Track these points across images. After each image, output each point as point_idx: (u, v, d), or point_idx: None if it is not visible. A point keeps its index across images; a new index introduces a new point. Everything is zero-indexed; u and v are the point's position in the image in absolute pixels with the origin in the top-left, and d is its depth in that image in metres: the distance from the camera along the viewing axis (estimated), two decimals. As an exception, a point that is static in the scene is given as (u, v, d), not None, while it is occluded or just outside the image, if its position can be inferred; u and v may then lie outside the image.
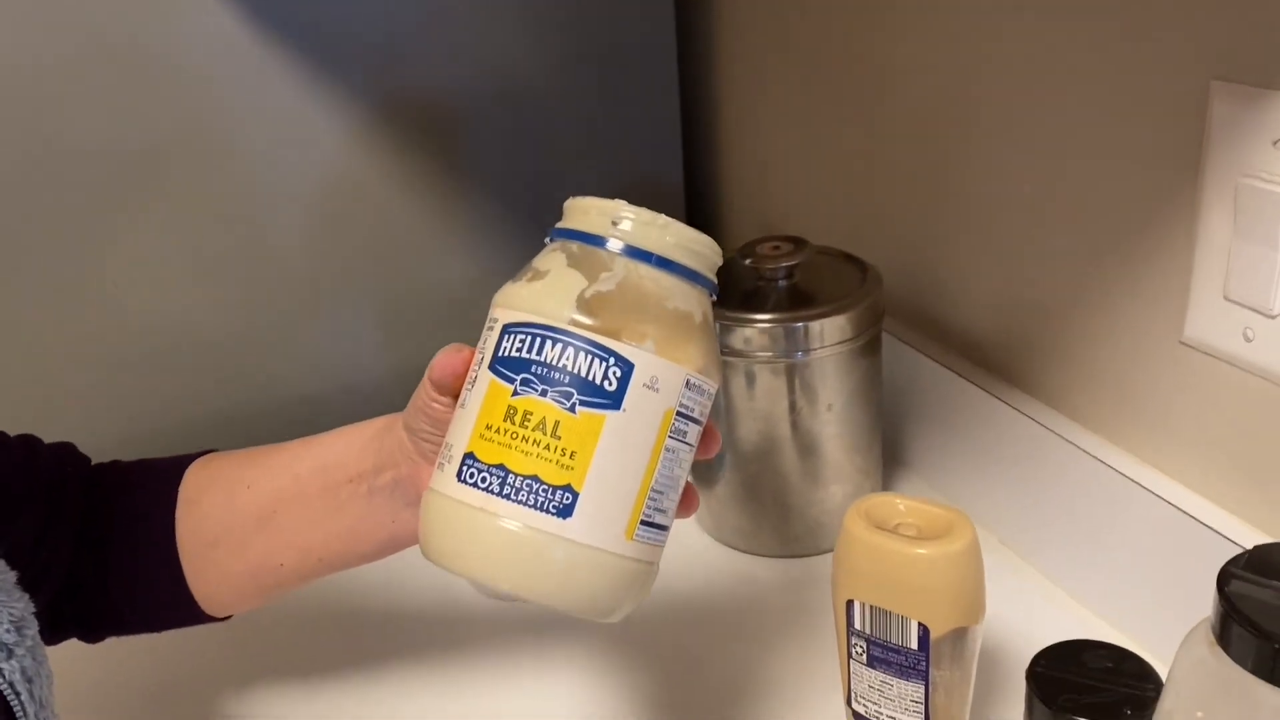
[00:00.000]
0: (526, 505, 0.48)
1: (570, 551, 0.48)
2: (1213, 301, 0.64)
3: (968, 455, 0.87)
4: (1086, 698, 0.54)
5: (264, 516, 0.65)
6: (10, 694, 0.52)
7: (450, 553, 0.50)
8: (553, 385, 0.49)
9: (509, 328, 0.50)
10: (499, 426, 0.49)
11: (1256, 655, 0.43)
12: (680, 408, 0.50)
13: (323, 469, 0.64)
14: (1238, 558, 0.46)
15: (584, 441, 0.48)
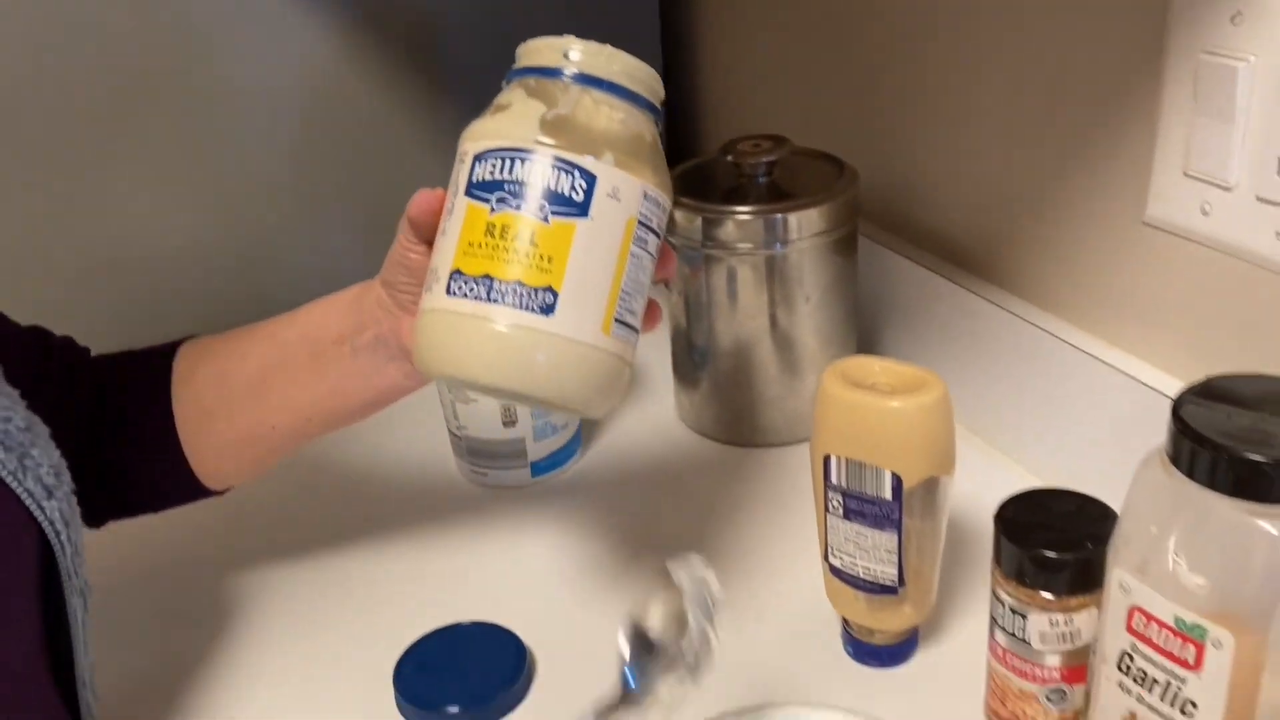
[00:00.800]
0: (513, 307, 0.53)
1: (555, 345, 0.54)
2: (1173, 179, 0.67)
3: (941, 349, 0.90)
4: (1051, 535, 0.57)
5: (254, 384, 0.68)
6: (51, 532, 0.54)
7: (447, 360, 0.55)
8: (526, 200, 0.54)
9: (480, 156, 0.55)
10: (481, 242, 0.54)
11: (1206, 467, 0.46)
12: (640, 217, 0.56)
13: (307, 336, 0.68)
14: (1191, 386, 0.49)
15: (559, 247, 0.53)
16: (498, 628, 0.71)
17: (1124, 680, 0.51)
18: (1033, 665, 0.58)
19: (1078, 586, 0.56)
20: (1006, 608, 0.58)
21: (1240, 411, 0.47)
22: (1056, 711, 0.59)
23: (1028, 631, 0.57)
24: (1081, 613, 0.56)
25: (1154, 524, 0.49)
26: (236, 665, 0.72)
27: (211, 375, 0.69)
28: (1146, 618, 0.49)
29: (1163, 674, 0.49)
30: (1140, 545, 0.50)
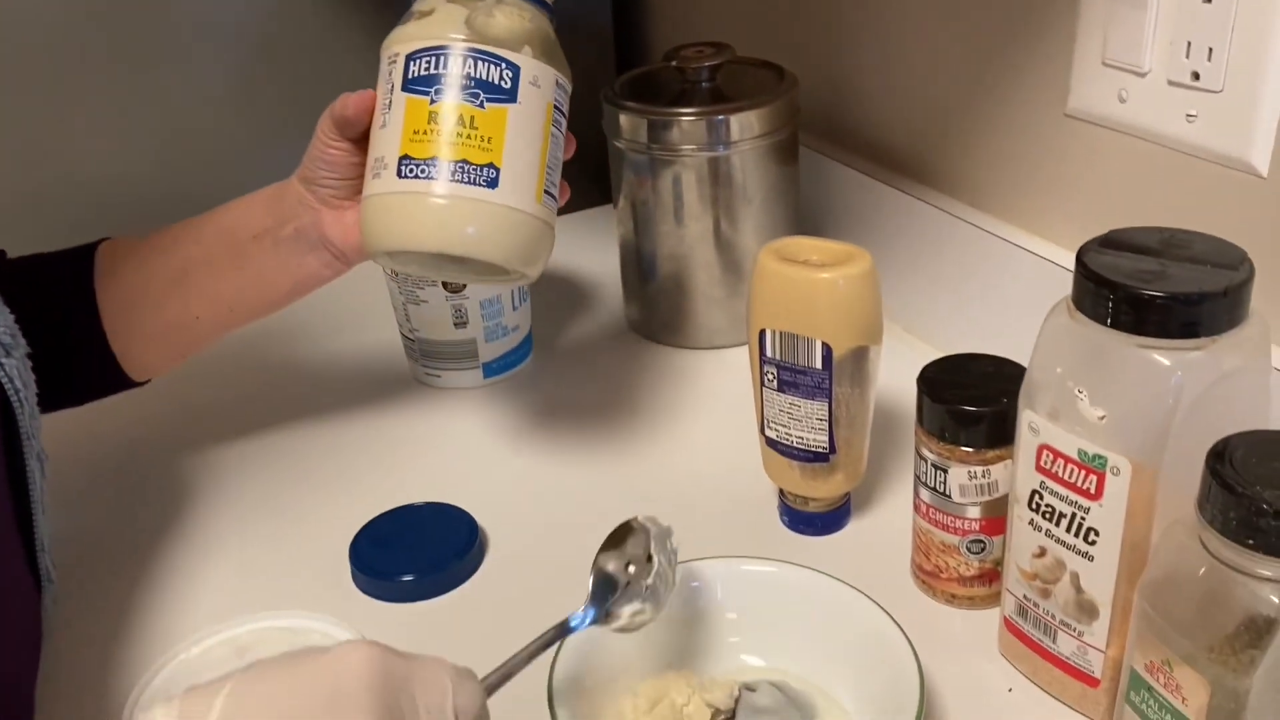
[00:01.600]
0: (461, 182, 0.59)
1: (499, 213, 0.60)
2: (1092, 68, 0.71)
3: (878, 249, 0.93)
4: (970, 392, 0.60)
5: (177, 278, 0.71)
6: (11, 390, 0.56)
7: (402, 236, 0.60)
8: (463, 90, 0.60)
9: (413, 55, 0.60)
10: (424, 129, 0.60)
11: (1106, 307, 0.50)
12: (555, 101, 0.63)
13: (226, 230, 0.71)
14: (1095, 238, 0.53)
15: (496, 129, 0.60)
16: (450, 506, 0.73)
17: (1034, 518, 0.55)
18: (954, 518, 0.62)
19: (995, 439, 0.59)
20: (929, 464, 0.62)
21: (1138, 257, 0.51)
22: (976, 562, 0.63)
23: (949, 485, 0.61)
24: (998, 465, 0.60)
25: (1060, 365, 0.52)
26: (194, 543, 0.74)
27: (134, 271, 0.72)
28: (1053, 454, 0.53)
29: (1068, 506, 0.53)
30: (1047, 387, 0.53)
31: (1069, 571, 0.54)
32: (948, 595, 0.64)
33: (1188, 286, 0.48)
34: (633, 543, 0.57)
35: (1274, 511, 0.43)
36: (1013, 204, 0.81)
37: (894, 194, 0.90)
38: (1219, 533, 0.45)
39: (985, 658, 0.61)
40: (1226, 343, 0.49)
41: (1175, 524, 0.49)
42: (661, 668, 0.58)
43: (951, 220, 0.84)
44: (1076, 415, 0.52)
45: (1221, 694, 0.46)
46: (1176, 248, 0.51)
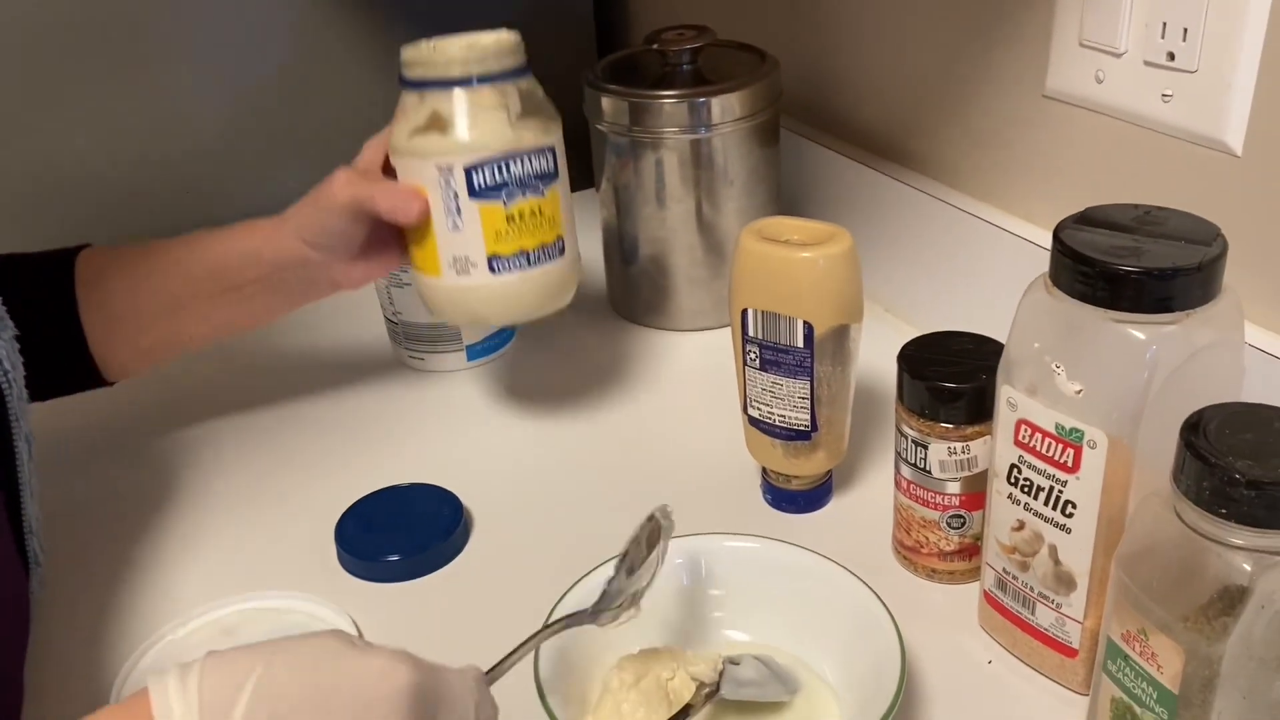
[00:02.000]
0: (543, 263, 0.71)
1: (567, 272, 0.73)
2: (1070, 49, 0.71)
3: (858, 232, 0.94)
4: (949, 369, 0.61)
5: (168, 306, 0.73)
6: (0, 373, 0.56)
7: (500, 316, 0.74)
8: (527, 187, 0.69)
9: (472, 168, 0.67)
10: (504, 230, 0.69)
11: (1082, 283, 0.50)
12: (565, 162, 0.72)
13: (218, 272, 0.73)
14: (1071, 215, 0.54)
15: (554, 206, 0.71)
16: (435, 487, 0.74)
17: (1013, 491, 0.56)
18: (934, 494, 0.62)
19: (974, 415, 0.60)
20: (909, 440, 0.62)
21: (1113, 234, 0.51)
22: (957, 537, 0.63)
23: (929, 461, 0.62)
24: (978, 441, 0.60)
25: (1037, 341, 0.53)
26: (181, 525, 0.74)
27: (121, 287, 0.73)
28: (1031, 429, 0.54)
29: (1046, 480, 0.54)
30: (1025, 363, 0.54)
31: (1047, 544, 0.55)
32: (928, 570, 0.65)
33: (1162, 262, 0.49)
34: (647, 540, 0.57)
35: (1246, 481, 0.44)
36: (991, 184, 0.82)
37: (874, 175, 0.90)
38: (1193, 503, 0.46)
39: (965, 631, 0.62)
40: (1200, 317, 0.50)
41: (1151, 495, 0.49)
42: (647, 644, 0.59)
43: (931, 201, 0.85)
44: (1054, 390, 0.52)
45: (1196, 661, 0.47)
46: (1151, 224, 0.52)
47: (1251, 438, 0.46)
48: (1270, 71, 0.61)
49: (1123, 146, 0.70)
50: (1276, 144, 0.62)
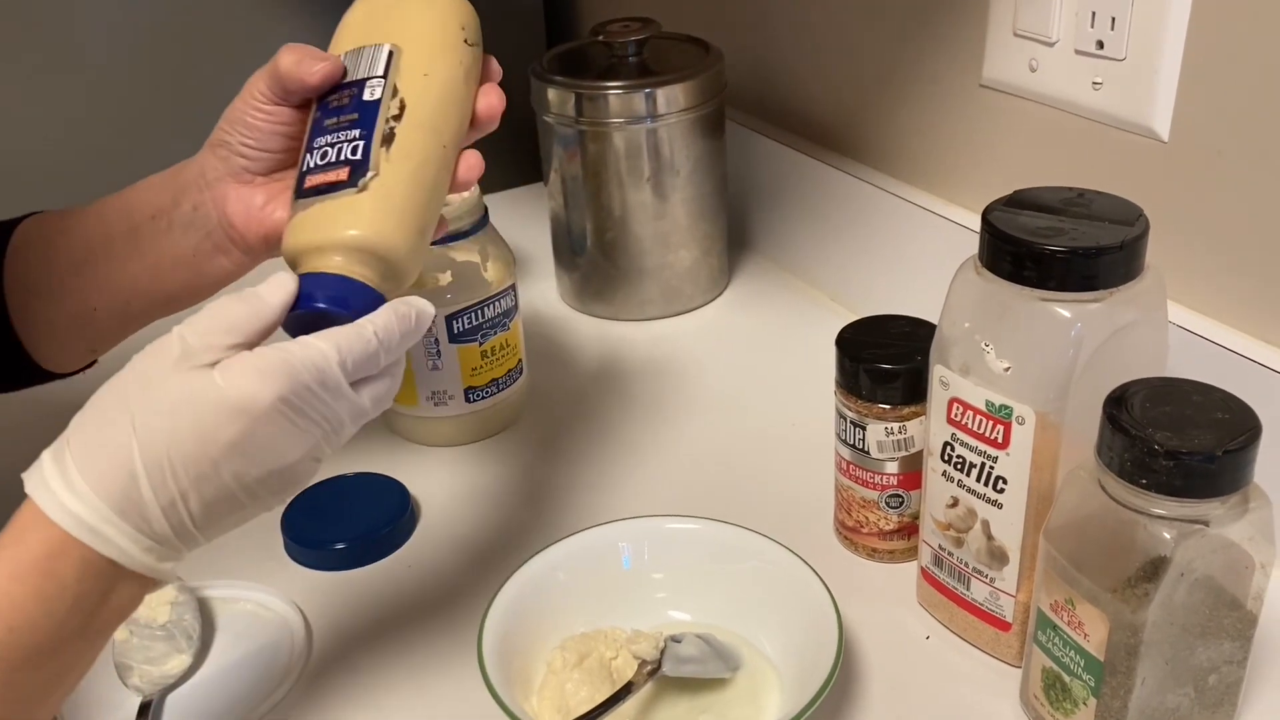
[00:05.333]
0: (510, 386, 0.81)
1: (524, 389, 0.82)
2: (1004, 39, 0.73)
3: (803, 224, 0.95)
4: (886, 351, 0.62)
5: (77, 263, 0.65)
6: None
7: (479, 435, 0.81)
8: (497, 325, 0.78)
9: (453, 316, 0.75)
10: (479, 365, 0.78)
11: (1010, 263, 0.52)
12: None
13: (125, 210, 0.63)
14: (1000, 198, 0.55)
15: (517, 337, 0.81)
16: (382, 476, 0.74)
17: (947, 469, 0.57)
18: (873, 474, 0.64)
19: (910, 396, 0.61)
20: (848, 422, 0.63)
21: (1041, 215, 0.53)
22: (895, 516, 0.65)
23: (867, 441, 0.63)
24: (914, 421, 0.62)
25: (968, 320, 0.54)
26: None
27: (38, 253, 0.66)
28: (963, 407, 0.55)
29: (978, 457, 0.55)
30: (956, 342, 0.55)
31: (980, 520, 0.56)
32: (869, 550, 0.66)
33: (1085, 241, 0.50)
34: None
35: (1165, 452, 0.45)
36: (931, 173, 0.83)
37: (818, 166, 0.91)
38: (1115, 475, 0.47)
39: (904, 608, 0.63)
40: (1124, 295, 0.51)
41: (1077, 469, 0.51)
42: (591, 625, 0.59)
43: (870, 189, 0.86)
44: (984, 368, 0.54)
45: (1121, 629, 0.48)
46: (1077, 206, 0.53)
47: (1170, 410, 0.47)
48: (1194, 59, 0.63)
49: (1056, 133, 0.72)
50: (1201, 130, 0.63)
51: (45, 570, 0.43)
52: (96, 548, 0.44)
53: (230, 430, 0.44)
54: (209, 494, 0.45)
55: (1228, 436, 0.46)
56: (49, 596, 0.43)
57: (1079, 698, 0.51)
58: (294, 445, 0.46)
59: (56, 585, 0.43)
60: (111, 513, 0.44)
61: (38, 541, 0.44)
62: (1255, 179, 0.61)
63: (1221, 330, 0.63)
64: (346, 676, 0.61)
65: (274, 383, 0.45)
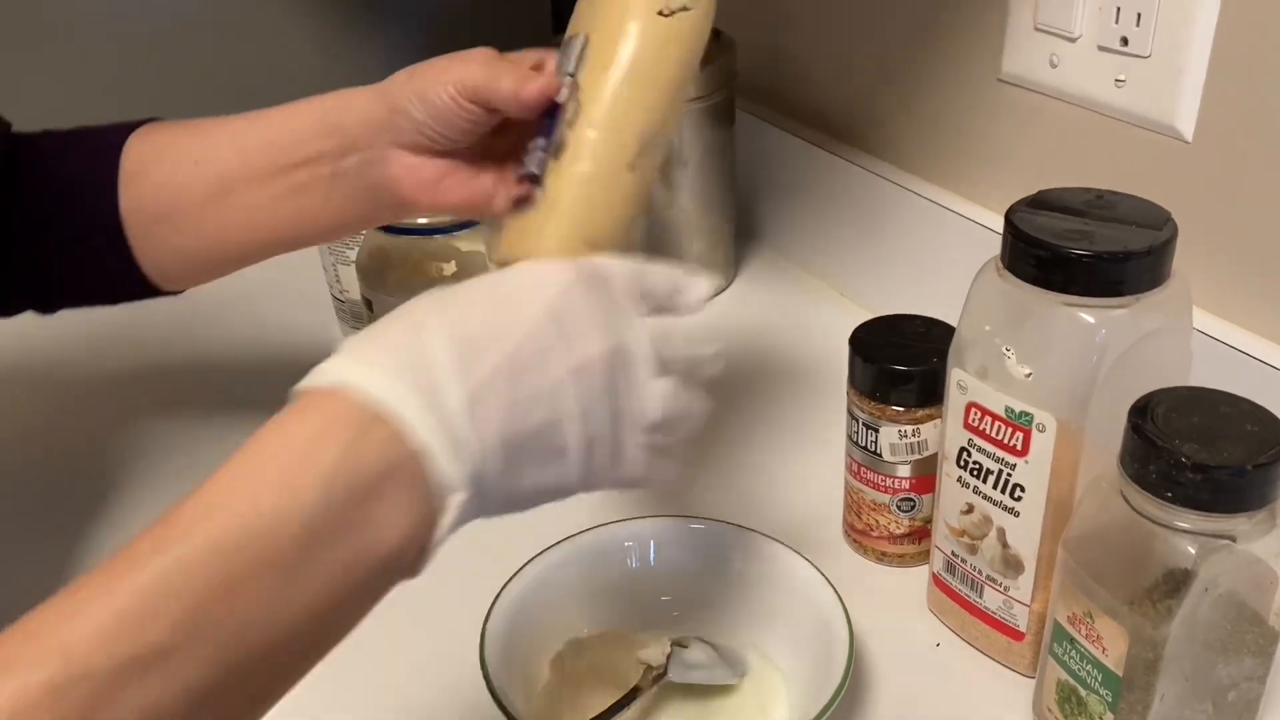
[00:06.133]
0: None
1: None
2: (1025, 33, 0.71)
3: (814, 217, 0.94)
4: (900, 352, 0.61)
5: (212, 196, 0.62)
6: None
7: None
8: None
9: None
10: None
11: (1033, 266, 0.50)
12: None
13: (271, 146, 0.60)
14: (1023, 199, 0.53)
15: None
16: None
17: (963, 475, 0.56)
18: (884, 477, 0.62)
19: (925, 399, 0.60)
20: (860, 423, 0.62)
21: (1065, 217, 0.51)
22: (907, 520, 0.63)
23: (879, 444, 0.61)
24: (928, 424, 0.60)
25: (988, 324, 0.53)
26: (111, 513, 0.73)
27: (164, 178, 0.63)
28: (981, 412, 0.54)
29: (995, 463, 0.54)
30: (976, 346, 0.54)
31: (995, 527, 0.55)
32: (878, 553, 0.65)
33: (1112, 246, 0.49)
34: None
35: (1192, 465, 0.44)
36: (947, 168, 0.82)
37: (829, 158, 0.90)
38: (1139, 486, 0.46)
39: (915, 614, 0.62)
40: (1149, 301, 0.50)
41: (1098, 479, 0.49)
42: (595, 627, 0.58)
43: (885, 184, 0.85)
44: (1004, 373, 0.52)
45: (1140, 644, 0.47)
46: (1102, 208, 0.52)
47: (1198, 421, 0.46)
48: (1221, 58, 0.61)
49: (1076, 131, 0.70)
50: (1227, 130, 0.62)
51: (306, 452, 0.38)
52: (395, 414, 0.38)
53: (530, 306, 0.42)
54: (506, 391, 0.40)
55: (1257, 450, 0.44)
56: (302, 486, 0.37)
57: (1095, 712, 0.50)
58: (592, 337, 0.42)
59: (317, 474, 0.37)
60: (407, 390, 0.39)
61: (317, 418, 0.39)
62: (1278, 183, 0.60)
63: (1245, 336, 0.62)
64: (344, 676, 0.60)
65: (571, 267, 0.44)
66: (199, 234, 0.63)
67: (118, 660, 0.32)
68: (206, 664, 0.34)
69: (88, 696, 0.31)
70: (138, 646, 0.33)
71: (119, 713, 0.32)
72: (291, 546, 0.36)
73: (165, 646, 0.33)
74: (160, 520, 0.36)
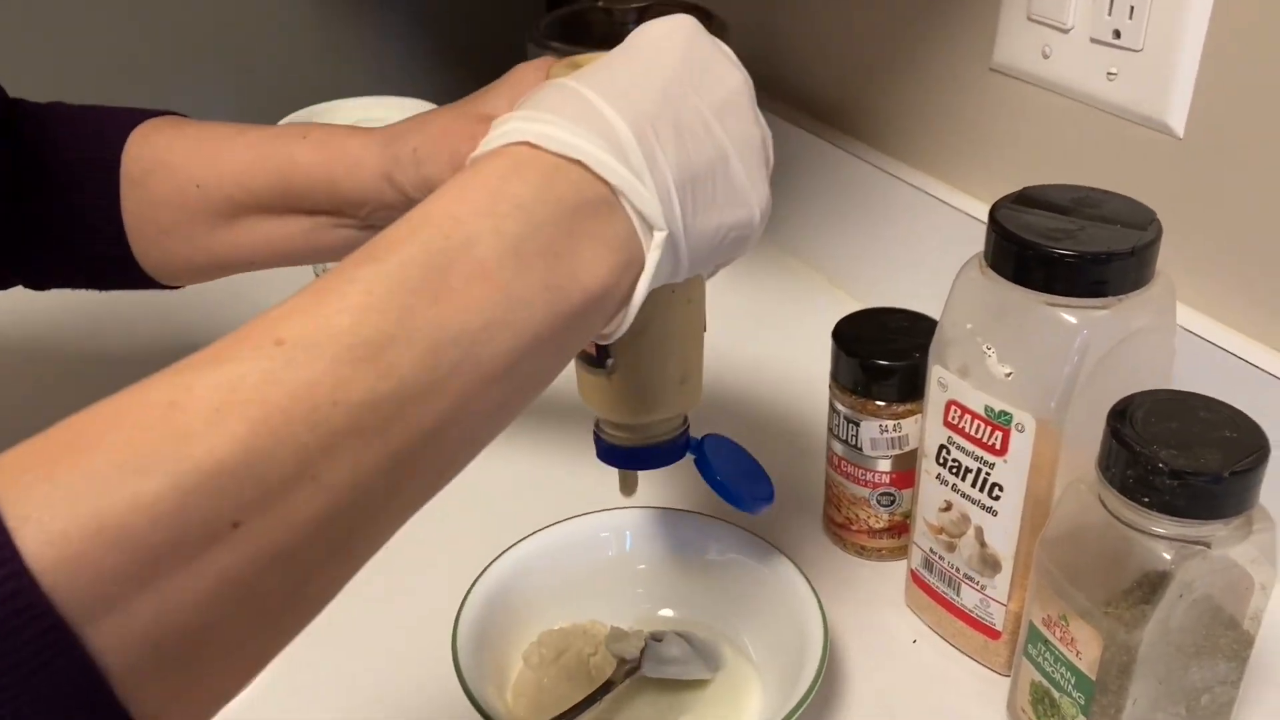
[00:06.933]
0: None
1: None
2: (1018, 23, 0.70)
3: (803, 204, 0.93)
4: (883, 346, 0.60)
5: (219, 218, 0.60)
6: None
7: None
8: None
9: None
10: None
11: (1016, 264, 0.50)
12: None
13: (282, 191, 0.58)
14: (1008, 195, 0.53)
15: None
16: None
17: (941, 472, 0.55)
18: (865, 471, 0.62)
19: (906, 394, 0.59)
20: (841, 416, 0.62)
21: (1050, 215, 0.51)
22: (886, 515, 0.63)
23: (860, 438, 0.61)
24: (909, 419, 0.60)
25: (970, 321, 0.53)
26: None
27: (166, 195, 0.61)
28: (961, 410, 0.53)
29: (974, 462, 0.53)
30: (957, 343, 0.53)
31: (974, 526, 0.55)
32: (857, 547, 0.65)
33: (1095, 246, 0.48)
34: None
35: (1169, 471, 0.44)
36: (935, 157, 0.81)
37: (820, 144, 0.89)
38: (1117, 491, 0.46)
39: (892, 609, 0.62)
40: (1132, 302, 0.49)
41: (1076, 481, 0.49)
42: (570, 619, 0.58)
43: (876, 173, 0.84)
44: (984, 372, 0.52)
45: (1114, 648, 0.47)
46: (1088, 207, 0.51)
47: (1176, 426, 0.46)
48: (1214, 54, 0.60)
49: (1066, 123, 0.70)
50: (1217, 127, 0.61)
51: (499, 189, 0.37)
52: (583, 156, 0.38)
53: (671, 52, 0.43)
54: (672, 132, 0.40)
55: (1234, 458, 0.44)
56: (503, 214, 0.36)
57: (1068, 714, 0.50)
58: (730, 71, 0.45)
59: (516, 204, 0.36)
60: (588, 137, 0.38)
61: (505, 163, 0.38)
62: (1271, 180, 0.59)
63: (1230, 336, 0.62)
64: (317, 664, 0.60)
65: (690, 17, 0.45)
66: (207, 250, 0.62)
67: (338, 348, 0.31)
68: (420, 368, 0.32)
69: (306, 382, 0.30)
70: (354, 338, 0.32)
71: (339, 399, 0.31)
72: (499, 263, 0.35)
73: (383, 338, 0.32)
74: (359, 250, 0.35)
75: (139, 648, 0.28)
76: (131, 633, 0.28)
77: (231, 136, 0.60)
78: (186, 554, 0.28)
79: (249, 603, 0.30)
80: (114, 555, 0.27)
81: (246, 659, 0.31)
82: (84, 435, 0.29)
